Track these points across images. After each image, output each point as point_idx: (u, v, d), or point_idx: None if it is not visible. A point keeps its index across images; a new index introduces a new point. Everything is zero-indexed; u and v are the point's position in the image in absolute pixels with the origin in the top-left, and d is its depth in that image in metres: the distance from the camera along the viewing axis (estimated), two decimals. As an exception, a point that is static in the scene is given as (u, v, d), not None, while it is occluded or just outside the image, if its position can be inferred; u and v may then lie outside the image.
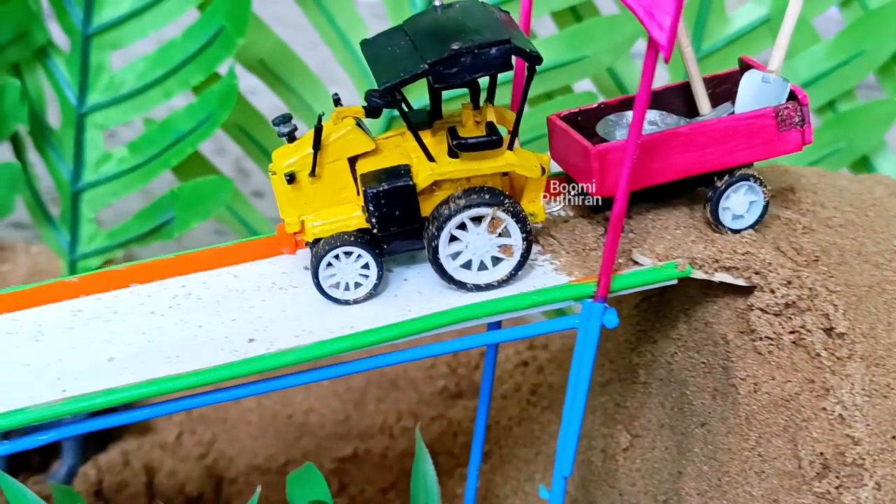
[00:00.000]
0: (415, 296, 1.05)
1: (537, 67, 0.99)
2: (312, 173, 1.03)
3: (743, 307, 1.06)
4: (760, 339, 1.04)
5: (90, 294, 1.10)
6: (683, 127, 1.05)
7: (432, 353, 1.05)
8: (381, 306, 1.04)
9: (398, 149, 1.06)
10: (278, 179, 1.04)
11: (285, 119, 1.05)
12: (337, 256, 1.03)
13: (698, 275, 1.04)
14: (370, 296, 1.04)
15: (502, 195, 1.01)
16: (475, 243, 1.02)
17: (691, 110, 1.14)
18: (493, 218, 1.01)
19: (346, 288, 1.04)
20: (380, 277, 1.04)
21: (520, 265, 1.03)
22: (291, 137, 1.05)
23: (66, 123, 1.56)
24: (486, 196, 1.01)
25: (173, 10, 1.48)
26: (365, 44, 1.05)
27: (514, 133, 1.02)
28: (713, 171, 1.06)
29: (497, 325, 1.14)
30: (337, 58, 1.54)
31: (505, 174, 1.04)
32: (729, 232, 1.07)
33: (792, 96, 1.07)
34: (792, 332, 1.03)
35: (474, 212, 1.01)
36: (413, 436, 1.62)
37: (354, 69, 1.53)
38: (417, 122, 1.05)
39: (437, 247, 1.02)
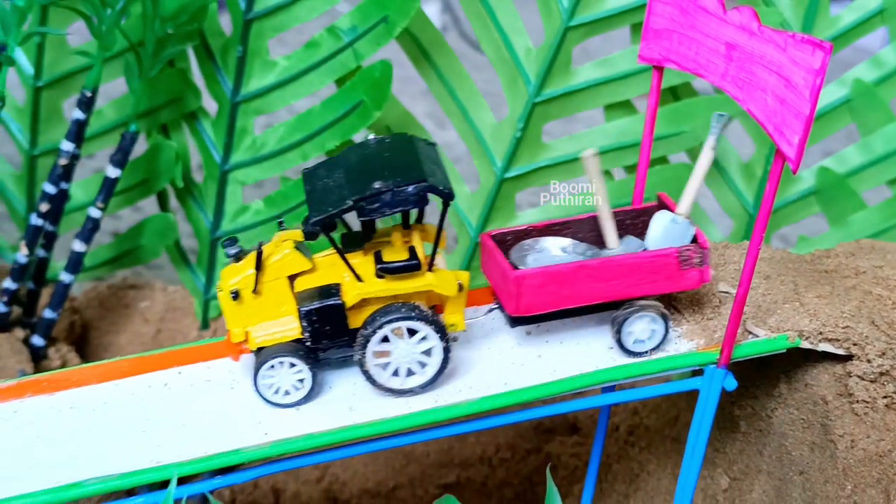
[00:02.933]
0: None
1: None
2: (255, 291, 1.16)
3: (841, 373, 1.23)
4: (857, 401, 1.21)
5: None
6: (593, 260, 1.18)
7: (551, 413, 1.21)
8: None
9: (333, 267, 1.18)
10: (224, 296, 1.16)
11: (232, 242, 1.18)
12: (274, 366, 1.15)
13: (805, 345, 1.21)
14: (305, 400, 1.17)
15: (419, 309, 1.14)
16: (399, 353, 1.15)
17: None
18: (410, 329, 1.14)
19: (286, 393, 1.17)
20: (314, 383, 1.17)
21: (442, 368, 1.17)
22: (237, 258, 1.18)
23: (210, 178, 1.73)
24: (404, 311, 1.14)
25: (313, 84, 1.65)
26: (305, 175, 1.20)
27: (432, 257, 1.15)
28: (619, 300, 1.19)
29: (612, 388, 1.30)
30: (456, 127, 1.71)
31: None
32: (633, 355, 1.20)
33: (694, 239, 1.21)
34: (885, 397, 1.20)
35: (394, 325, 1.14)
36: (510, 467, 1.79)
37: (471, 137, 1.70)
38: (352, 242, 1.19)
39: (364, 358, 1.15)
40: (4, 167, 1.78)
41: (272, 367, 1.16)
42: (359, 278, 1.15)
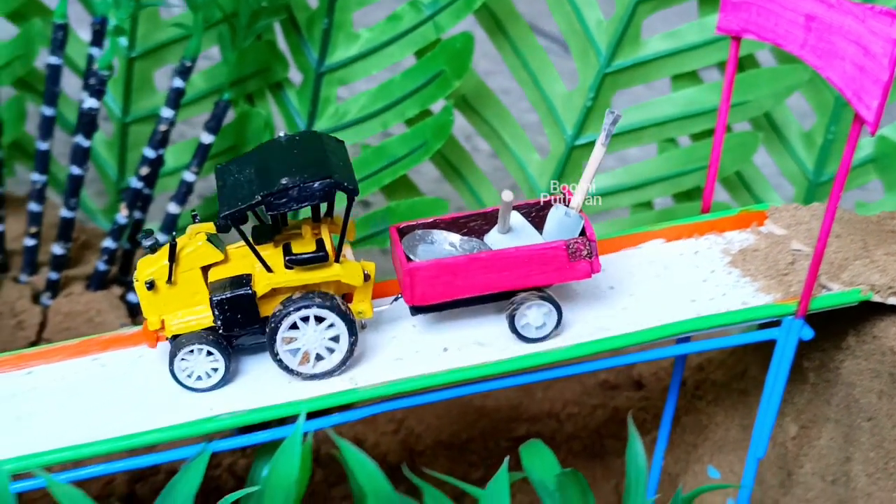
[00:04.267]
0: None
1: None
2: (169, 281, 1.22)
3: (908, 325, 1.31)
4: (924, 351, 1.29)
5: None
6: (484, 252, 1.24)
7: (625, 363, 1.30)
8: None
9: (245, 258, 1.24)
10: (140, 286, 1.22)
11: (147, 234, 1.23)
12: (191, 351, 1.22)
13: (876, 298, 1.29)
14: (220, 384, 1.23)
15: (326, 296, 1.21)
16: (308, 339, 1.22)
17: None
18: (317, 317, 1.21)
19: (199, 378, 1.23)
20: (227, 369, 1.23)
21: (349, 353, 1.23)
22: (153, 250, 1.23)
23: (293, 146, 1.82)
24: (312, 299, 1.20)
25: (394, 55, 1.73)
26: (218, 171, 1.24)
27: (339, 249, 1.22)
28: (512, 290, 1.25)
29: (687, 339, 1.39)
30: (528, 96, 1.79)
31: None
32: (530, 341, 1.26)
33: (583, 232, 1.27)
34: (951, 347, 1.29)
35: (301, 313, 1.20)
36: (577, 422, 1.87)
37: (542, 106, 1.78)
38: (263, 234, 1.25)
39: (275, 344, 1.21)
40: (98, 134, 1.87)
41: (187, 353, 1.22)
42: (269, 269, 1.21)
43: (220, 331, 1.22)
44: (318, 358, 1.24)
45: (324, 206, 1.28)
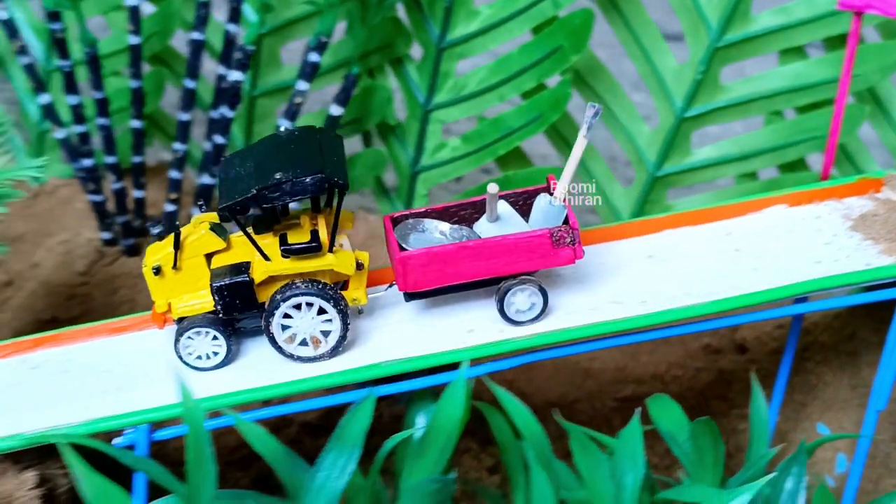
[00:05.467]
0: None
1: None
2: (175, 267, 1.30)
3: None
4: None
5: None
6: (473, 241, 1.31)
7: (741, 322, 1.38)
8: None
9: (246, 247, 1.31)
10: (147, 271, 1.31)
11: (156, 223, 1.33)
12: (197, 332, 1.30)
13: None
14: (223, 364, 1.32)
15: (319, 285, 1.28)
16: (302, 325, 1.30)
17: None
18: (309, 304, 1.28)
19: (199, 357, 1.31)
20: (230, 350, 1.32)
21: (341, 339, 1.31)
22: (161, 237, 1.32)
23: (412, 118, 1.91)
24: (305, 287, 1.28)
25: (512, 31, 1.81)
26: (222, 163, 1.32)
27: (331, 238, 1.29)
28: (500, 276, 1.32)
29: (804, 299, 1.46)
30: (638, 70, 1.87)
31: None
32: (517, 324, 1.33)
33: (566, 220, 1.33)
34: None
35: (295, 301, 1.28)
36: (682, 383, 1.94)
37: (652, 80, 1.85)
38: (264, 224, 1.31)
39: (271, 329, 1.30)
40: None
41: (191, 335, 1.31)
42: (266, 257, 1.29)
43: (221, 315, 1.30)
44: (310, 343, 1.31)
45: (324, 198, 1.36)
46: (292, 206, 1.34)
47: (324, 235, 1.30)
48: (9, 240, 1.91)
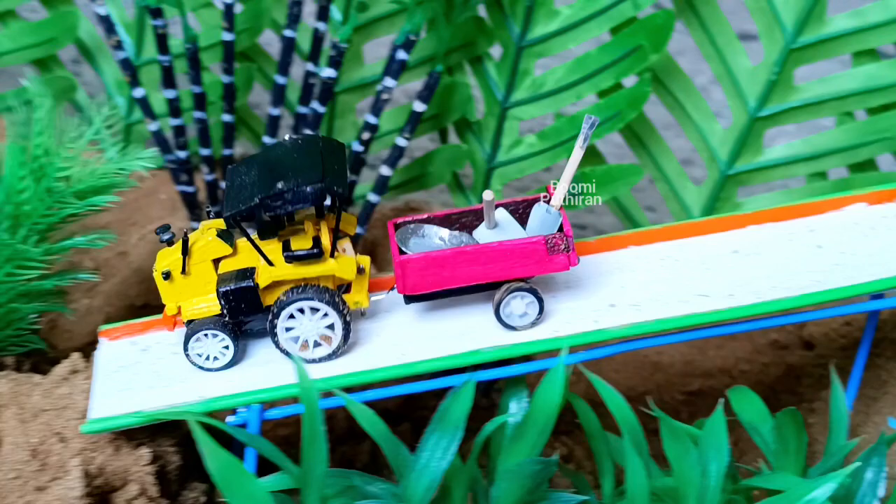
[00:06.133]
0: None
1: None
2: (183, 271, 1.35)
3: None
4: None
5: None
6: (470, 246, 1.35)
7: (810, 318, 1.42)
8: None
9: (252, 252, 1.36)
10: (157, 275, 1.36)
11: (164, 229, 1.37)
12: (205, 335, 1.35)
13: None
14: (230, 365, 1.36)
15: (321, 290, 1.33)
16: (305, 328, 1.34)
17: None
18: (313, 308, 1.33)
19: (207, 358, 1.36)
20: (236, 352, 1.36)
21: (344, 340, 1.35)
22: (170, 243, 1.37)
23: (490, 114, 1.96)
24: (307, 292, 1.32)
25: (591, 31, 1.86)
26: (228, 171, 1.36)
27: (333, 245, 1.34)
28: (496, 281, 1.36)
29: (880, 295, 1.50)
30: (713, 70, 1.91)
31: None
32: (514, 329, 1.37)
33: (561, 227, 1.37)
34: None
35: (298, 305, 1.32)
36: (750, 378, 1.98)
37: (727, 80, 1.89)
38: (269, 229, 1.36)
39: (276, 332, 1.34)
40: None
41: (200, 337, 1.36)
42: (270, 263, 1.33)
43: (227, 318, 1.35)
44: (316, 345, 1.36)
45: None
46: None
47: (326, 241, 1.35)
48: (97, 229, 1.97)
